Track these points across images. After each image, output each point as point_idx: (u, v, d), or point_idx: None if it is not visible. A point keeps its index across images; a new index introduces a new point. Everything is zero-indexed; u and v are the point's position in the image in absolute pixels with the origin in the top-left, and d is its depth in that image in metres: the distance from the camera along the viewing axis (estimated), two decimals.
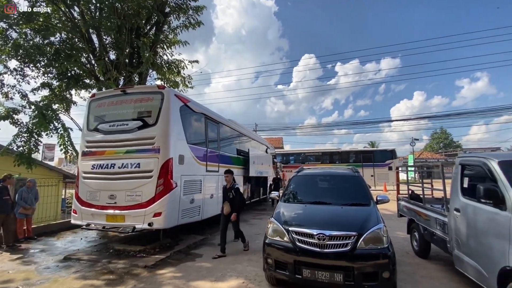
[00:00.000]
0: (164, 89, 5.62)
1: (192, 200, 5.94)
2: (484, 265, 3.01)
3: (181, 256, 5.13)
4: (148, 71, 9.33)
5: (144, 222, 5.04)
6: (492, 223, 2.91)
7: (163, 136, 5.30)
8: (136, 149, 5.40)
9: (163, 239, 5.85)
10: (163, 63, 9.93)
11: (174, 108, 5.59)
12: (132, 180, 5.26)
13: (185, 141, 5.81)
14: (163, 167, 5.15)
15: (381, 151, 23.14)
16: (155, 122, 5.41)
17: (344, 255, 3.09)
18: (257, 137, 13.08)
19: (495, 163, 3.07)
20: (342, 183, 4.82)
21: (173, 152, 5.34)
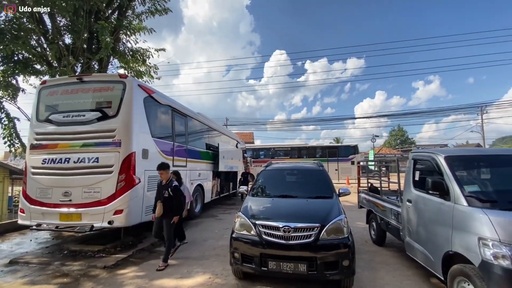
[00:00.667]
0: (126, 78, 5.26)
1: None
2: (431, 250, 3.33)
3: (145, 255, 4.93)
4: (109, 58, 8.66)
5: (103, 220, 4.73)
6: (438, 212, 3.22)
7: (124, 129, 4.98)
8: (95, 142, 5.01)
9: (125, 237, 5.55)
10: (127, 50, 9.29)
11: (137, 99, 5.27)
12: (90, 176, 4.88)
13: (149, 135, 5.53)
14: (124, 161, 4.85)
15: (345, 147, 24.56)
16: (116, 113, 5.06)
17: (308, 246, 3.20)
18: (227, 132, 12.95)
19: (442, 158, 3.39)
20: (308, 177, 4.98)
21: (136, 146, 5.05)
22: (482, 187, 3.17)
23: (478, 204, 2.76)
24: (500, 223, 2.46)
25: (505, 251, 2.33)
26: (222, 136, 11.13)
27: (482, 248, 2.49)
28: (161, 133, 6.08)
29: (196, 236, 6.07)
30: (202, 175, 8.38)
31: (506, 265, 2.30)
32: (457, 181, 3.03)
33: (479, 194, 2.95)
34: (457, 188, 2.97)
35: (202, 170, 8.44)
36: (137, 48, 9.31)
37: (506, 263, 2.31)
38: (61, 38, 7.76)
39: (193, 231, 6.54)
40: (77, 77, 5.47)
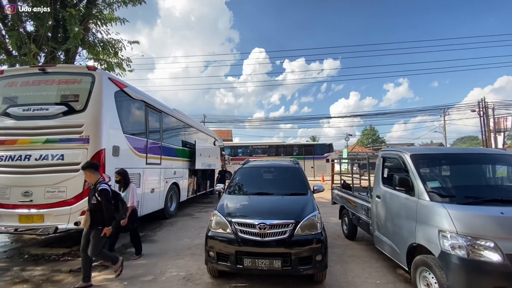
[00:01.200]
0: (96, 71, 4.97)
1: None
2: (397, 243, 3.53)
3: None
4: (77, 48, 8.12)
5: (69, 222, 4.45)
6: (404, 207, 3.42)
7: (93, 124, 4.70)
8: (59, 138, 4.68)
9: None
10: (97, 41, 8.76)
11: (108, 93, 5.00)
12: (54, 174, 4.56)
13: (120, 131, 5.27)
14: (93, 159, 4.58)
15: (320, 145, 25.30)
16: (83, 107, 4.76)
17: (283, 242, 3.25)
18: (204, 129, 12.74)
19: (407, 156, 3.60)
20: (284, 174, 5.06)
21: (106, 143, 4.79)
22: (443, 183, 3.42)
23: (439, 199, 2.97)
24: (458, 216, 2.66)
25: (461, 242, 2.54)
26: (199, 133, 10.93)
27: (442, 239, 2.69)
28: (133, 130, 5.82)
29: (170, 236, 5.93)
30: (177, 173, 8.18)
31: (462, 254, 2.50)
32: (420, 178, 3.24)
33: (440, 190, 3.18)
34: (421, 184, 3.17)
35: (177, 168, 8.23)
36: (108, 39, 8.81)
37: (462, 253, 2.51)
38: (22, 25, 7.13)
39: (168, 231, 6.38)
40: (40, 67, 5.06)
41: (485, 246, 2.46)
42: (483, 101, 26.87)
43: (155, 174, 6.69)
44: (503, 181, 3.65)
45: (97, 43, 8.68)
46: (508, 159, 3.67)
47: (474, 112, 27.42)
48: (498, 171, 3.72)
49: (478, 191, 3.30)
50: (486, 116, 26.66)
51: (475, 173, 3.70)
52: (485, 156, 3.92)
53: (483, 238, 2.49)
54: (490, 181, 3.65)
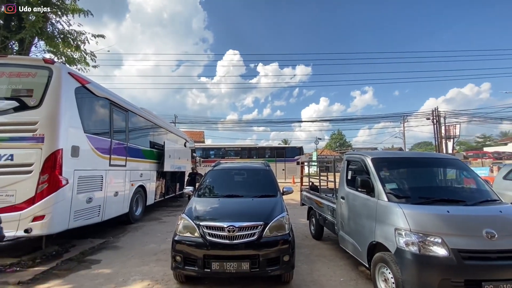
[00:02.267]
0: (54, 64, 4.59)
1: (90, 199, 5.11)
2: (358, 241, 3.73)
3: (73, 265, 4.36)
4: (34, 39, 7.44)
5: (18, 229, 4.04)
6: (365, 207, 3.64)
7: (49, 122, 4.33)
8: (9, 137, 4.25)
9: (47, 247, 4.83)
10: (57, 32, 8.09)
11: (67, 89, 4.64)
12: (1, 176, 4.12)
13: (81, 130, 4.92)
14: (48, 160, 4.22)
15: (291, 148, 26.02)
16: (38, 103, 4.37)
17: (252, 244, 3.27)
18: (174, 130, 12.36)
19: (369, 159, 3.84)
20: (254, 176, 5.09)
21: (64, 142, 4.44)
22: (400, 185, 3.70)
23: (396, 200, 3.21)
24: (411, 215, 2.90)
25: (414, 239, 2.76)
26: (169, 134, 10.58)
27: (397, 237, 2.90)
28: (96, 129, 5.46)
29: (135, 242, 5.64)
30: (144, 176, 7.82)
31: (414, 250, 2.72)
32: (380, 180, 3.47)
33: (396, 191, 3.44)
34: (380, 186, 3.40)
35: (144, 170, 7.88)
36: (69, 30, 8.19)
37: (414, 249, 2.73)
38: None
39: (132, 236, 6.06)
40: None
41: (433, 242, 2.70)
42: (436, 110, 29.60)
43: (119, 177, 6.33)
44: (452, 182, 4.06)
45: (56, 35, 8.03)
46: (456, 163, 4.09)
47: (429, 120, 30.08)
48: (448, 174, 4.12)
49: (430, 192, 3.62)
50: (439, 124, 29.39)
51: (427, 176, 4.06)
52: (437, 160, 4.32)
53: (432, 235, 2.73)
54: (440, 182, 4.03)
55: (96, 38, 8.47)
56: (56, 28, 8.13)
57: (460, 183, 3.99)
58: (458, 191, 3.92)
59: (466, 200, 3.35)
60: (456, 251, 2.63)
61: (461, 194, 3.77)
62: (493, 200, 3.37)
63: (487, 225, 2.79)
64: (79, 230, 5.20)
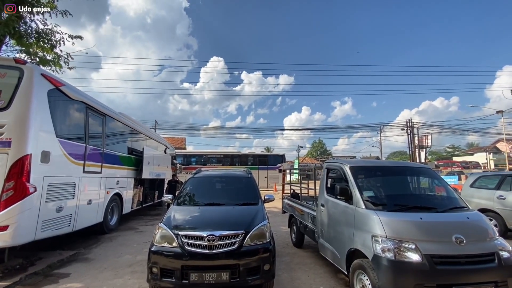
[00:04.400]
0: (25, 65, 4.35)
1: (60, 207, 4.81)
2: (338, 248, 3.78)
3: (38, 279, 4.04)
4: (4, 38, 7.01)
5: None
6: (344, 215, 3.71)
7: (18, 125, 4.07)
8: None
9: (10, 260, 4.45)
10: (30, 31, 7.68)
11: (39, 91, 4.40)
12: None
13: (53, 134, 4.65)
14: (15, 166, 3.94)
15: (273, 156, 26.18)
16: (6, 105, 4.10)
17: (232, 253, 3.21)
18: (154, 136, 12.04)
19: (347, 167, 3.95)
20: (236, 184, 5.05)
21: (33, 147, 4.17)
22: (377, 192, 3.83)
23: (373, 207, 3.31)
24: (387, 222, 2.99)
25: (390, 245, 2.84)
26: (148, 140, 10.29)
27: (374, 244, 2.97)
28: (69, 133, 5.20)
29: (109, 253, 5.35)
30: (121, 183, 7.50)
31: (390, 256, 2.80)
32: (358, 188, 3.57)
33: (373, 199, 3.55)
34: (358, 194, 3.49)
35: (121, 177, 7.56)
36: (44, 29, 7.81)
37: (390, 255, 2.81)
38: None
39: (106, 247, 5.75)
40: None
41: (408, 248, 2.80)
42: (410, 121, 31.24)
43: (93, 184, 6.03)
44: (425, 190, 4.27)
45: (30, 34, 7.63)
46: (428, 171, 4.31)
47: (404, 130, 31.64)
48: (421, 182, 4.32)
49: (404, 199, 3.77)
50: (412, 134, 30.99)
51: (402, 184, 4.23)
52: (410, 169, 4.53)
53: (406, 241, 2.84)
54: (414, 190, 4.21)
55: (74, 39, 8.13)
56: (30, 26, 7.74)
57: (432, 191, 4.20)
58: (430, 198, 4.11)
59: (437, 207, 3.53)
60: (429, 257, 2.74)
61: (433, 202, 3.96)
62: (461, 207, 3.57)
63: (456, 230, 2.94)
64: (47, 241, 4.85)
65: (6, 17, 5.85)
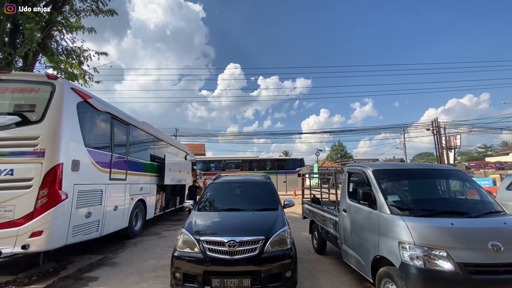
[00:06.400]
0: (57, 80, 4.67)
1: (89, 213, 5.06)
2: (362, 255, 3.65)
3: (69, 282, 4.26)
4: (37, 55, 7.60)
5: (16, 245, 3.97)
6: (368, 220, 3.58)
7: (51, 136, 4.35)
8: (9, 151, 4.25)
9: (44, 264, 4.73)
10: (62, 50, 8.29)
11: (69, 104, 4.69)
12: (0, 192, 4.09)
13: (82, 144, 4.93)
14: (48, 174, 4.21)
15: (292, 160, 25.89)
16: (40, 118, 4.41)
17: (253, 259, 3.20)
18: (175, 143, 12.38)
19: (370, 171, 3.82)
20: (255, 189, 5.05)
21: (65, 157, 4.44)
22: (402, 197, 3.66)
23: (398, 212, 3.16)
24: (415, 228, 2.85)
25: (419, 253, 2.70)
26: (170, 147, 10.60)
27: (401, 251, 2.84)
28: (97, 143, 5.49)
29: (134, 257, 5.53)
30: (144, 189, 7.77)
31: (419, 265, 2.66)
32: (382, 192, 3.43)
33: (399, 203, 3.40)
34: (382, 198, 3.36)
35: (145, 184, 7.83)
36: (73, 47, 8.39)
37: (419, 263, 2.67)
38: None
39: (131, 252, 5.95)
40: None
41: (439, 256, 2.64)
42: (436, 120, 29.72)
43: (119, 191, 6.29)
44: (455, 194, 4.02)
45: (60, 52, 8.22)
46: (458, 174, 4.05)
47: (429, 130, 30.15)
48: (451, 185, 4.08)
49: (432, 204, 3.57)
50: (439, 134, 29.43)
51: (430, 187, 4.01)
52: (438, 171, 4.29)
53: (437, 248, 2.68)
54: (443, 194, 3.98)
55: (99, 55, 8.68)
56: (60, 45, 8.34)
57: (463, 195, 3.95)
58: (462, 202, 3.87)
59: (470, 212, 3.30)
60: (462, 265, 2.57)
61: (465, 206, 3.72)
62: (497, 211, 3.32)
63: (492, 237, 2.74)
64: (77, 246, 5.10)
65: (28, 32, 6.28)
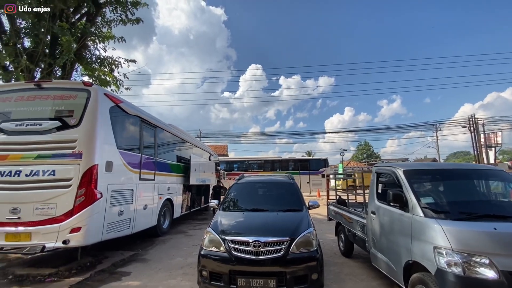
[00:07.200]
0: (92, 87, 5.00)
1: (121, 212, 5.35)
2: (393, 260, 3.48)
3: (105, 276, 4.53)
4: (74, 64, 8.20)
5: (57, 240, 4.30)
6: (399, 223, 3.41)
7: (87, 140, 4.67)
8: (52, 154, 4.62)
9: (82, 258, 5.08)
10: (95, 59, 8.89)
11: (103, 109, 5.00)
12: (44, 191, 4.45)
13: (114, 146, 5.23)
14: (85, 175, 4.51)
15: (315, 160, 25.41)
16: (77, 123, 4.74)
17: (278, 260, 3.18)
18: (199, 144, 12.71)
19: (401, 171, 3.63)
20: (279, 190, 5.03)
21: (99, 158, 4.74)
22: (437, 198, 3.43)
23: (433, 215, 2.97)
24: (452, 232, 2.66)
25: (457, 259, 2.51)
26: (194, 148, 10.90)
27: (437, 256, 2.66)
28: (128, 145, 5.79)
29: (162, 255, 5.75)
30: (171, 189, 8.06)
31: (458, 272, 2.47)
32: (414, 193, 3.25)
33: (433, 206, 3.19)
34: (415, 200, 3.18)
35: (172, 184, 8.13)
36: (105, 56, 8.96)
37: (458, 270, 2.48)
38: (20, 40, 7.21)
39: (160, 249, 6.20)
40: (35, 83, 5.08)
41: (480, 263, 2.44)
42: (473, 117, 27.56)
43: (148, 190, 6.58)
44: (496, 196, 3.69)
45: (94, 60, 8.81)
46: (500, 174, 3.73)
47: (465, 127, 28.04)
48: (492, 186, 3.77)
49: (472, 206, 3.32)
50: (477, 132, 27.25)
51: (468, 189, 3.73)
52: (477, 172, 3.98)
53: (478, 255, 2.48)
54: (483, 196, 3.68)
55: (129, 62, 9.19)
56: (93, 54, 8.95)
57: (506, 197, 3.62)
58: (505, 205, 3.55)
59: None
60: (508, 274, 2.35)
61: (509, 209, 3.41)
62: None
63: None
64: (110, 242, 5.41)
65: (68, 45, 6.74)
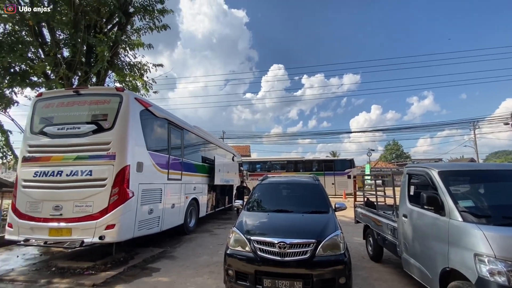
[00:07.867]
0: (123, 92, 5.30)
1: (151, 210, 5.60)
2: (427, 267, 3.28)
3: (136, 271, 4.76)
4: (107, 71, 8.76)
5: (94, 236, 4.61)
6: (434, 228, 3.20)
7: (120, 142, 4.96)
8: (89, 155, 4.96)
9: (116, 253, 5.39)
10: (125, 65, 9.42)
11: (134, 112, 5.28)
12: (82, 189, 4.80)
13: (144, 147, 5.50)
14: (118, 175, 4.79)
15: (341, 161, 24.61)
16: (111, 126, 5.05)
17: (304, 262, 3.14)
18: (223, 145, 12.94)
19: (435, 172, 3.41)
20: (304, 191, 4.95)
21: (131, 159, 5.01)
22: (477, 202, 3.17)
23: (473, 219, 2.76)
24: (495, 239, 2.45)
25: (501, 267, 2.31)
26: (218, 149, 11.11)
27: (478, 264, 2.46)
28: (156, 146, 6.05)
29: (189, 252, 5.93)
30: (197, 189, 8.29)
31: (502, 281, 2.27)
32: (451, 196, 3.04)
33: (473, 209, 2.96)
34: (452, 203, 2.97)
35: (197, 184, 8.36)
36: (135, 62, 9.45)
37: (502, 279, 2.28)
38: (59, 51, 7.84)
39: (187, 247, 6.39)
40: (74, 89, 5.49)
41: None
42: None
43: (176, 190, 6.82)
44: None
45: (124, 66, 9.34)
46: None
47: (508, 124, 25.69)
48: None
49: None
50: None
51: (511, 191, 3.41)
52: None
53: None
54: None
55: (156, 67, 9.63)
56: (124, 61, 9.49)
57: None
58: None
59: None
60: None
61: None
62: None
63: None
64: (140, 240, 5.68)
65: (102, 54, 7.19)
